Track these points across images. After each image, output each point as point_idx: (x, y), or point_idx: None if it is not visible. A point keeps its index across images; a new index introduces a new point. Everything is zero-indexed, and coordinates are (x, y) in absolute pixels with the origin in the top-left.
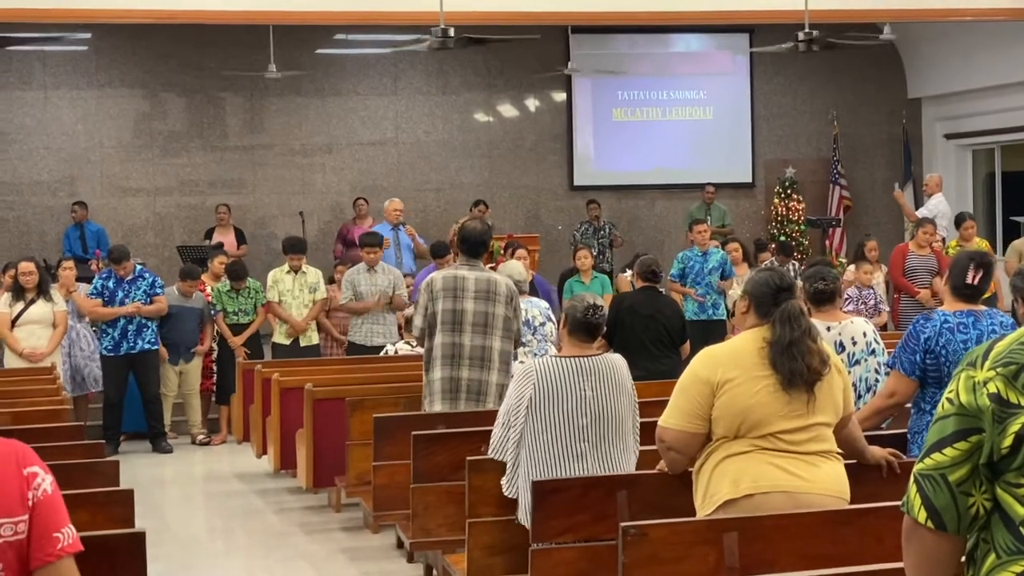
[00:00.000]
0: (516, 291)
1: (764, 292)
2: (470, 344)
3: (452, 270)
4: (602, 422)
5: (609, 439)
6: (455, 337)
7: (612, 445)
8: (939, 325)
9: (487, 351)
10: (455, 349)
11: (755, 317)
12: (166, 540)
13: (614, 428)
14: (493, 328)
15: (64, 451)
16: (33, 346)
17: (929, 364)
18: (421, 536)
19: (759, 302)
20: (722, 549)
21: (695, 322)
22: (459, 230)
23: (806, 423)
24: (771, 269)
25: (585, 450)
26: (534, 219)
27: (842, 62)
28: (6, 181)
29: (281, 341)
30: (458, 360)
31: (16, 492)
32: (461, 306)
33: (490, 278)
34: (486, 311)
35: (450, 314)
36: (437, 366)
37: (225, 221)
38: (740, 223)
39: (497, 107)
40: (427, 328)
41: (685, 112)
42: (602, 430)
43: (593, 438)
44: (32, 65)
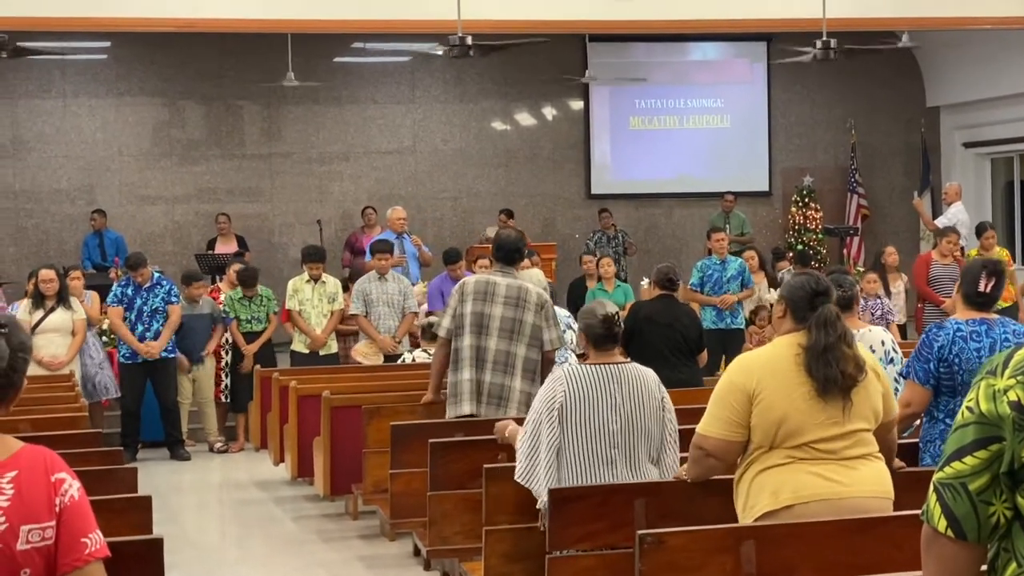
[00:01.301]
0: (549, 301)
1: (800, 296)
2: (495, 348)
3: (485, 275)
4: (632, 429)
5: (639, 447)
6: (480, 340)
7: (642, 453)
8: (952, 334)
9: (511, 356)
10: (480, 352)
11: (791, 322)
12: (183, 547)
13: (643, 436)
14: (520, 334)
15: (83, 458)
16: (52, 354)
17: (943, 373)
18: (438, 544)
19: (795, 307)
20: (739, 557)
21: (713, 331)
22: (494, 238)
23: (843, 430)
24: (807, 273)
25: (616, 457)
26: (551, 227)
27: (860, 70)
28: (26, 189)
29: (300, 349)
30: (482, 363)
31: (44, 498)
32: (489, 310)
33: (521, 285)
34: (514, 317)
35: (477, 317)
36: (465, 367)
37: (226, 230)
38: (757, 232)
39: (514, 115)
40: (454, 330)
41: (702, 120)
42: (632, 438)
43: (623, 445)
44: (52, 73)
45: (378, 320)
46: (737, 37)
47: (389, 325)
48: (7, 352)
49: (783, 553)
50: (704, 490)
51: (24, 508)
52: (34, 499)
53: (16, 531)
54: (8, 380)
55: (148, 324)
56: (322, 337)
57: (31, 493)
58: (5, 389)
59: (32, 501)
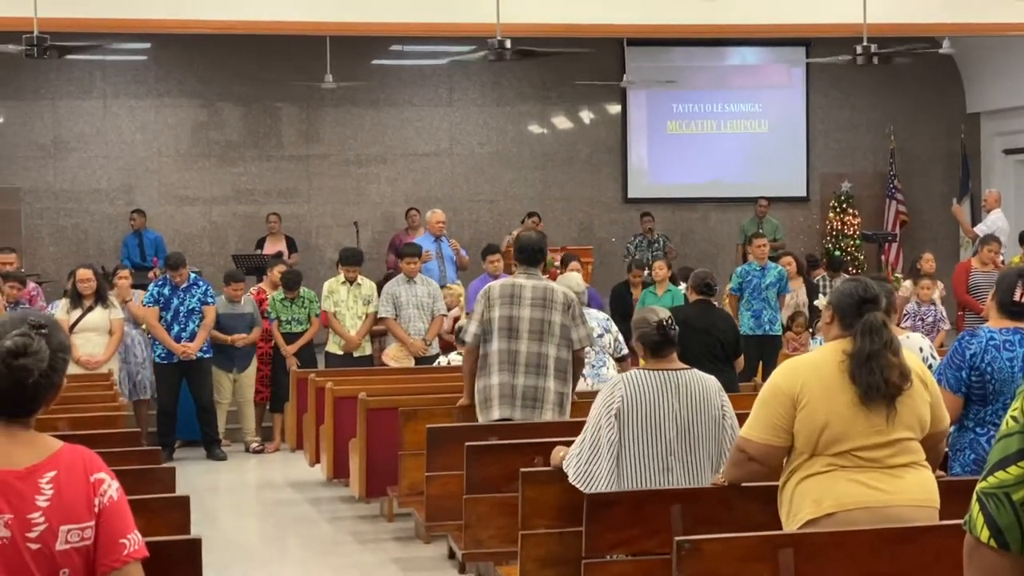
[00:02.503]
0: (575, 299)
1: (848, 303)
2: (526, 351)
3: (510, 279)
4: (689, 436)
5: (697, 454)
6: (511, 344)
7: (701, 460)
8: (985, 342)
9: (543, 358)
10: (511, 356)
11: (838, 328)
12: (220, 547)
13: (703, 444)
14: (549, 335)
15: (121, 457)
16: (90, 353)
17: (974, 381)
18: (473, 547)
19: (843, 313)
20: (777, 565)
21: (750, 337)
22: (515, 240)
23: (887, 438)
24: (857, 280)
25: (673, 464)
26: (588, 231)
27: (900, 76)
28: (66, 189)
29: (335, 351)
30: (514, 366)
31: (83, 498)
32: (518, 313)
33: (547, 286)
34: (542, 318)
35: (506, 320)
36: (495, 371)
37: (276, 230)
38: (795, 237)
39: (551, 119)
40: (482, 335)
41: (740, 125)
42: (690, 445)
43: (680, 452)
44: (92, 74)
45: (408, 323)
46: (776, 42)
47: (419, 327)
48: (47, 352)
49: (822, 562)
50: (742, 497)
51: (63, 508)
52: (73, 499)
53: (55, 531)
54: (48, 380)
55: (184, 324)
56: (356, 339)
57: (70, 493)
58: (45, 389)
59: (71, 501)
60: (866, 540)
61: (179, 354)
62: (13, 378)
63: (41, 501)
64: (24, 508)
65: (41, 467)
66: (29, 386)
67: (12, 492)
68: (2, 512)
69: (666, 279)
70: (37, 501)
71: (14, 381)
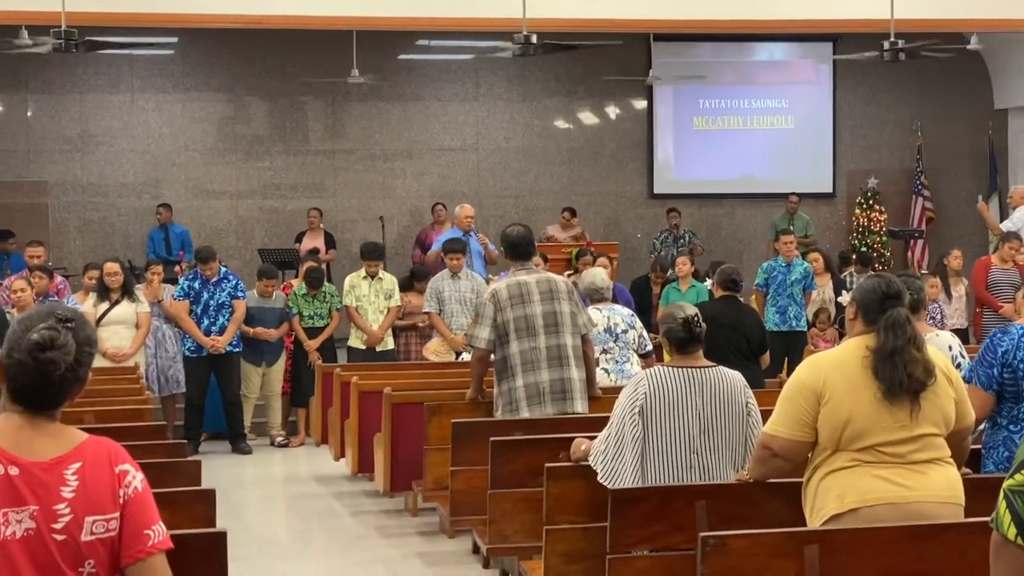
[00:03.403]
0: (573, 286)
1: (871, 299)
2: (545, 345)
3: (514, 278)
4: (713, 435)
5: (720, 452)
6: (530, 342)
7: (724, 457)
8: (1017, 339)
9: (563, 348)
10: (533, 354)
11: (862, 324)
12: (245, 540)
13: (725, 442)
14: (562, 325)
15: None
16: (116, 346)
17: (1006, 378)
18: (498, 542)
19: (866, 309)
20: (803, 562)
21: (776, 333)
22: (503, 239)
23: (911, 434)
24: (880, 275)
25: (695, 461)
26: (614, 227)
27: (927, 72)
28: (93, 183)
29: (357, 345)
30: (537, 364)
31: (108, 490)
32: (531, 311)
33: (548, 278)
34: (554, 310)
35: (522, 320)
36: (518, 374)
37: (316, 224)
38: (820, 233)
39: (578, 114)
40: (496, 339)
41: (766, 121)
42: (712, 443)
43: (703, 449)
44: (120, 68)
45: (450, 318)
46: (803, 38)
47: (461, 323)
48: (74, 346)
49: (847, 558)
50: (767, 493)
51: (88, 499)
52: (98, 490)
53: (80, 522)
54: (74, 373)
55: (214, 318)
56: (379, 333)
57: (95, 484)
58: (71, 382)
59: (96, 492)
60: (891, 537)
61: (208, 348)
62: (39, 371)
63: (66, 492)
64: (49, 499)
65: (66, 459)
66: (55, 379)
67: (37, 484)
68: (28, 504)
69: (689, 275)
70: (62, 492)
71: (40, 374)
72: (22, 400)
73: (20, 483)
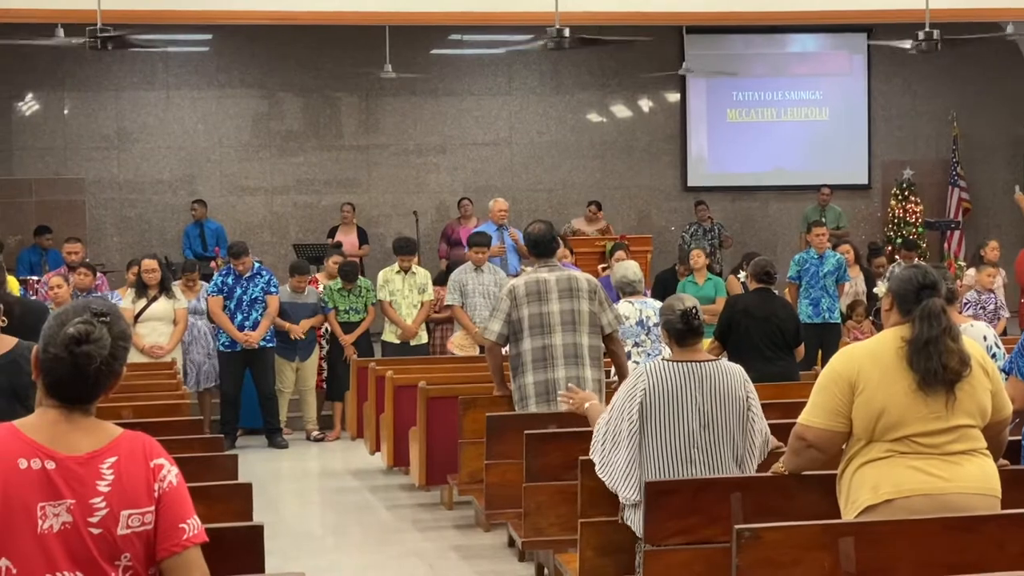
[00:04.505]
0: (598, 284)
1: (907, 289)
2: (561, 343)
3: (533, 274)
4: (713, 429)
5: (720, 446)
6: (545, 339)
7: (723, 452)
8: None
9: (579, 348)
10: (547, 351)
11: (897, 315)
12: (281, 534)
13: (726, 435)
14: (580, 324)
15: (183, 445)
16: (155, 342)
17: None
18: (533, 535)
19: (902, 299)
20: (838, 554)
21: (809, 325)
22: (524, 237)
23: (946, 425)
24: (916, 266)
25: (696, 456)
26: (647, 220)
27: (962, 62)
28: (129, 180)
29: (391, 340)
30: (551, 361)
31: (143, 484)
32: (548, 308)
33: (570, 275)
34: (572, 308)
35: (537, 317)
36: (528, 370)
37: (349, 219)
38: (856, 225)
39: (610, 107)
40: (509, 334)
41: (800, 113)
42: (713, 437)
43: (703, 444)
44: (155, 66)
45: (474, 311)
46: (836, 28)
47: (485, 316)
48: (109, 340)
49: (883, 550)
50: (801, 485)
51: (124, 493)
52: (134, 485)
53: (116, 516)
54: (109, 368)
55: (247, 313)
56: (413, 327)
57: (131, 479)
58: (106, 376)
59: (132, 487)
60: (928, 529)
61: (242, 342)
62: (75, 365)
63: (102, 486)
64: (86, 494)
65: (102, 453)
66: (91, 373)
67: (74, 478)
68: (64, 498)
69: (704, 268)
70: (98, 486)
71: (76, 368)
72: (58, 395)
73: (57, 477)
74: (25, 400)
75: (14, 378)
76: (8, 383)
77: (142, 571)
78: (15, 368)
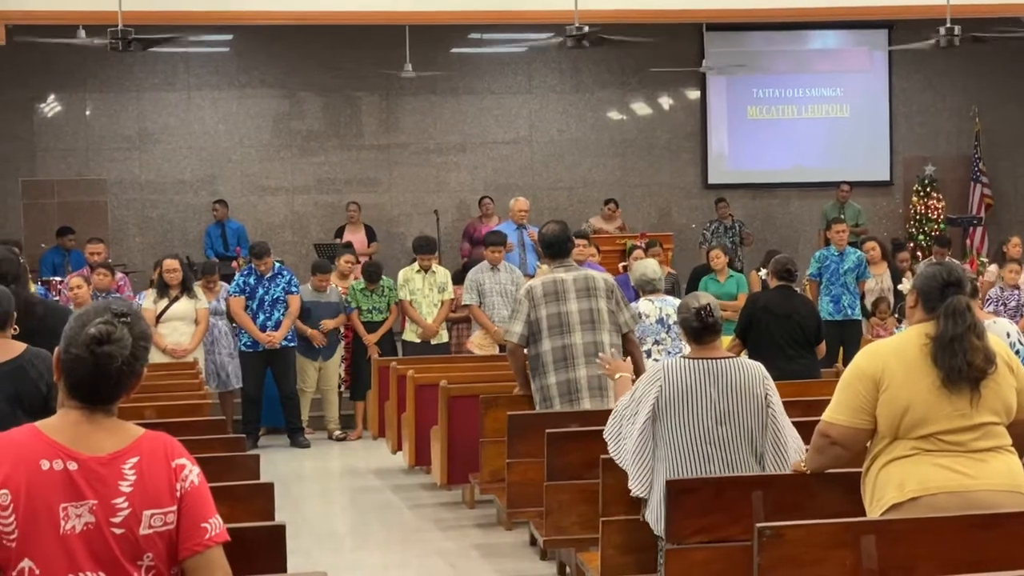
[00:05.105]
0: (614, 284)
1: (931, 286)
2: (582, 342)
3: (551, 275)
4: (730, 426)
5: (737, 444)
6: (564, 339)
7: (740, 450)
8: None
9: (599, 346)
10: (566, 351)
11: (922, 312)
12: (303, 533)
13: (744, 433)
14: (600, 323)
15: (205, 445)
16: (176, 342)
17: None
18: (554, 534)
19: (926, 296)
20: (860, 552)
21: (831, 322)
22: (539, 238)
23: (970, 423)
24: (941, 263)
25: (712, 453)
26: (667, 217)
27: (984, 57)
28: (151, 180)
29: (412, 339)
30: (572, 361)
31: (165, 484)
32: (566, 308)
33: (587, 275)
34: (590, 307)
35: (556, 318)
36: (550, 371)
37: (356, 219)
38: (878, 222)
39: (631, 105)
40: (528, 335)
41: (822, 110)
42: (730, 434)
43: (720, 442)
44: (176, 67)
45: (491, 310)
46: (857, 25)
47: (503, 315)
48: (130, 340)
49: (905, 548)
50: (823, 483)
51: (146, 493)
52: (156, 485)
53: (139, 516)
54: (130, 368)
55: (269, 313)
56: (434, 327)
57: (153, 479)
58: (127, 376)
59: (154, 487)
60: (950, 526)
61: (264, 343)
62: (96, 365)
63: (124, 487)
64: (108, 494)
65: (124, 453)
66: (112, 373)
67: (96, 478)
68: (87, 498)
69: (725, 266)
70: (120, 487)
71: (97, 368)
72: (79, 395)
73: (79, 478)
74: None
75: (19, 384)
76: (13, 388)
77: (164, 571)
78: (21, 374)
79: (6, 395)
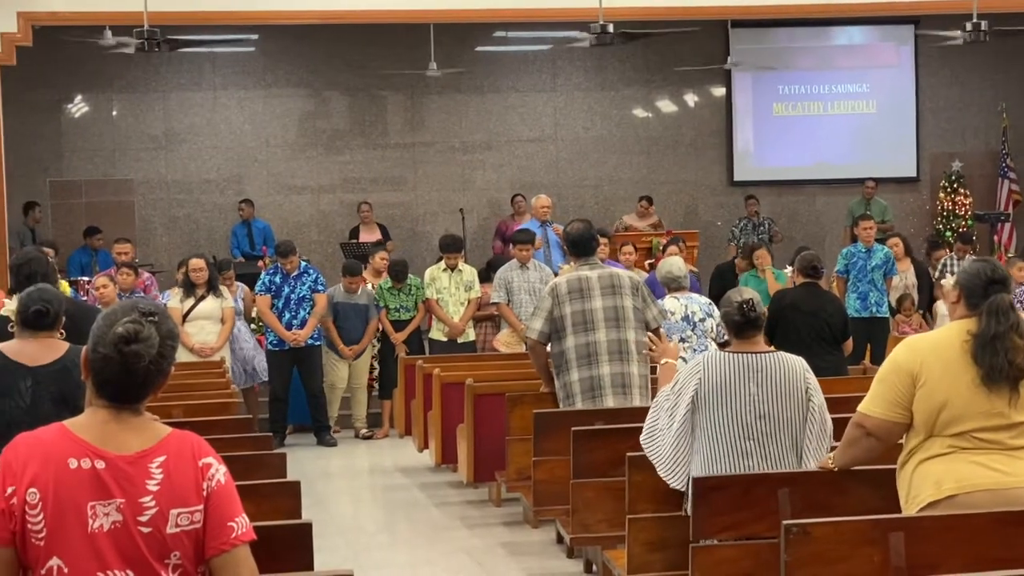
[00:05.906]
0: (640, 281)
1: (975, 283)
2: (606, 340)
3: (575, 272)
4: (769, 421)
5: (777, 438)
6: (588, 336)
7: (780, 445)
8: None
9: (624, 343)
10: (590, 348)
11: (964, 308)
12: (330, 532)
13: (784, 428)
14: (625, 320)
15: (233, 443)
16: (203, 341)
17: None
18: (581, 532)
19: (969, 293)
20: (888, 549)
21: (857, 319)
22: (564, 237)
23: (1008, 421)
24: (985, 260)
25: (751, 448)
26: (693, 215)
27: (1011, 52)
28: (177, 180)
29: (438, 337)
30: (595, 358)
31: (192, 483)
32: (590, 305)
33: (612, 272)
34: (615, 305)
35: (580, 315)
36: (573, 368)
37: (369, 219)
38: (905, 218)
39: (656, 103)
40: (551, 332)
41: (847, 106)
42: (769, 429)
43: (759, 436)
44: (202, 66)
45: (519, 308)
46: (883, 20)
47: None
48: (157, 339)
49: (933, 545)
50: (851, 480)
51: (173, 492)
52: (182, 483)
53: (166, 515)
54: (158, 367)
55: (295, 312)
56: (460, 325)
57: (179, 477)
58: (155, 375)
59: (180, 485)
60: (980, 524)
61: (289, 341)
62: (124, 364)
63: (151, 485)
64: (135, 492)
65: (151, 452)
66: (139, 372)
67: (123, 477)
68: (114, 497)
69: (770, 266)
70: (148, 485)
71: (125, 367)
72: (107, 394)
73: (106, 476)
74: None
75: (63, 384)
76: (58, 390)
77: (191, 569)
78: (65, 375)
79: (51, 396)
